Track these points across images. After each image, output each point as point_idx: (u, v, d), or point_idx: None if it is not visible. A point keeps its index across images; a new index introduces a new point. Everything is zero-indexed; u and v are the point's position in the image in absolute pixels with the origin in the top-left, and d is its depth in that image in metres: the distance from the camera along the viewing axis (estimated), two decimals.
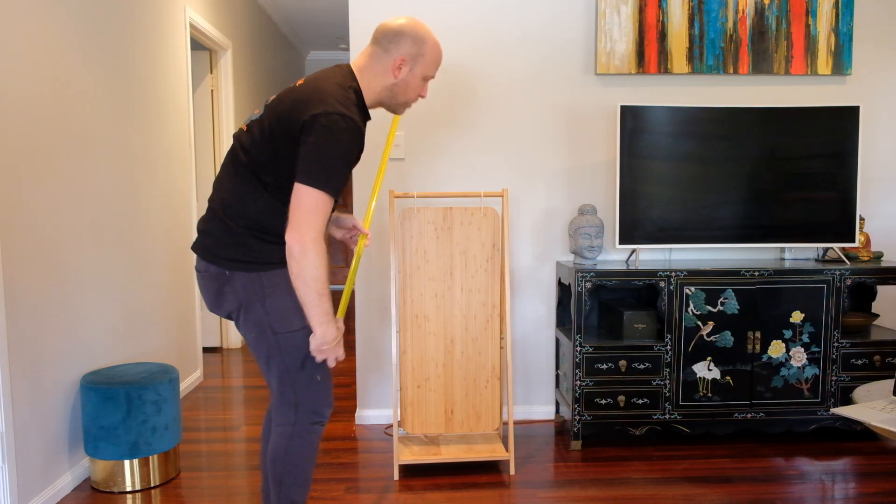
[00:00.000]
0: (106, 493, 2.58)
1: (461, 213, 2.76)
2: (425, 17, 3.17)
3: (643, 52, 3.15)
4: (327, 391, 1.92)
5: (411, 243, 2.74)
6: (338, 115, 1.70)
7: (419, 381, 2.77)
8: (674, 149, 3.04)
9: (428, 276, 2.75)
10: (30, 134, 2.37)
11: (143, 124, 3.29)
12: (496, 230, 2.77)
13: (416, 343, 2.76)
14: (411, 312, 2.75)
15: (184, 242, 3.85)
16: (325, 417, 1.93)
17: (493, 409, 2.81)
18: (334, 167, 1.70)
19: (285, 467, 1.90)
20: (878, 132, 3.32)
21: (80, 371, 2.69)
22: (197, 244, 1.85)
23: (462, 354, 2.78)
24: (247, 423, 3.36)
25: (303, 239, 1.69)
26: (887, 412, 1.82)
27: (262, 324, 1.82)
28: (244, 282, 1.80)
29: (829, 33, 3.19)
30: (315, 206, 1.70)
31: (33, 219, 2.39)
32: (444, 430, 2.78)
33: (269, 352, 1.84)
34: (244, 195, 1.81)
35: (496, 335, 2.79)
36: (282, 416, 1.89)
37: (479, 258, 2.77)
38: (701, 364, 2.94)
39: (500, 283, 2.79)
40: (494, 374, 2.79)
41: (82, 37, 2.73)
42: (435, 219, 2.75)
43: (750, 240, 3.10)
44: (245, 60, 5.21)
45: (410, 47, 1.86)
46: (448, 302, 2.77)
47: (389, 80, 1.87)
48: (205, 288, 1.86)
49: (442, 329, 2.77)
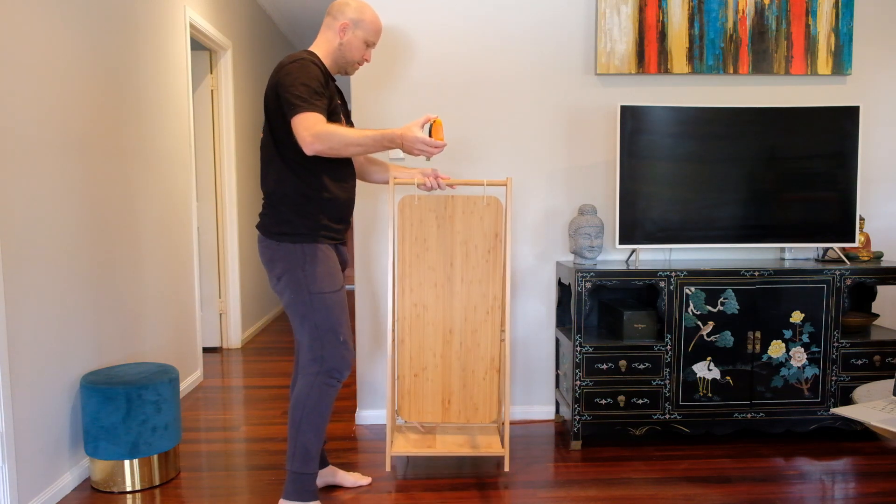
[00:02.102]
0: (106, 493, 2.58)
1: (463, 202, 2.71)
2: (425, 17, 3.17)
3: (643, 52, 3.15)
4: (348, 353, 2.30)
5: (411, 231, 2.70)
6: (293, 61, 2.17)
7: (416, 370, 2.75)
8: (674, 149, 3.04)
9: (428, 266, 2.72)
10: (29, 134, 2.37)
11: (143, 124, 3.29)
12: (499, 221, 2.72)
13: (414, 332, 2.74)
14: (410, 301, 2.72)
15: (184, 242, 3.85)
16: (343, 376, 2.30)
17: (492, 401, 2.79)
18: (301, 92, 2.10)
19: (304, 411, 2.26)
20: (878, 132, 3.33)
21: (80, 371, 2.69)
22: (258, 223, 2.31)
23: (461, 346, 2.75)
24: (247, 423, 3.36)
25: (306, 139, 2.08)
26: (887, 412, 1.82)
27: (301, 285, 2.23)
28: (289, 250, 2.24)
29: (829, 33, 3.19)
30: (305, 126, 2.08)
31: (33, 218, 2.39)
32: (440, 419, 2.76)
33: (304, 311, 2.24)
34: (267, 175, 2.28)
35: (496, 327, 2.76)
36: (308, 367, 2.28)
37: (481, 249, 2.72)
38: (701, 364, 2.94)
39: (502, 274, 2.75)
40: (493, 366, 2.76)
41: (82, 37, 2.73)
42: (436, 207, 2.70)
43: (750, 240, 3.10)
44: (245, 60, 5.21)
45: (353, 14, 2.29)
46: (448, 292, 2.73)
47: (337, 42, 2.30)
48: (263, 256, 2.30)
49: (441, 319, 2.74)
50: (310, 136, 2.07)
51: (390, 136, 2.17)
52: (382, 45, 3.16)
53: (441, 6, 3.17)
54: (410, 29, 3.18)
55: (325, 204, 2.27)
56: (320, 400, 2.26)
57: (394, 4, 3.16)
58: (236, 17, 4.99)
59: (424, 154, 2.20)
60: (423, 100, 3.20)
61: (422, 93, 3.20)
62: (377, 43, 2.35)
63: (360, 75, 3.18)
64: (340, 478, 2.59)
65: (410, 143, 2.17)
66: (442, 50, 3.19)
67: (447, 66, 3.20)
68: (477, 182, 2.64)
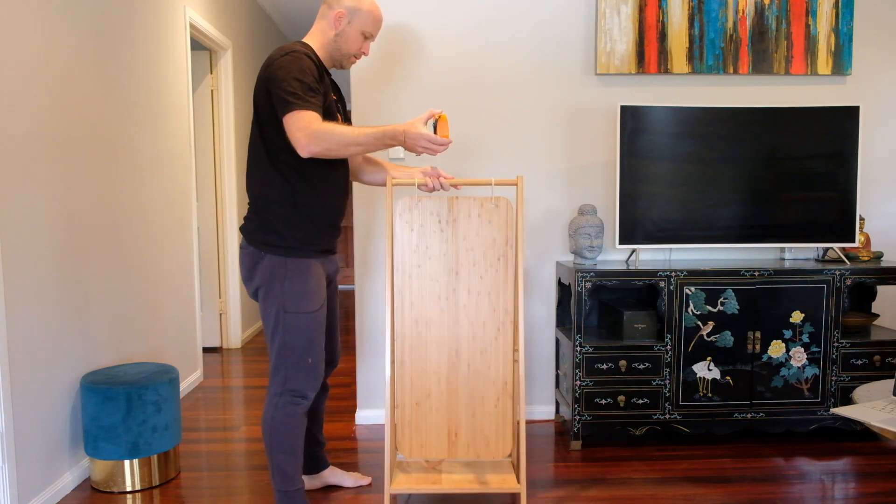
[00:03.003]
0: (106, 493, 2.58)
1: (469, 204, 2.40)
2: (426, 17, 3.17)
3: (643, 52, 3.15)
4: (316, 375, 2.16)
5: (411, 238, 2.40)
6: (285, 55, 2.03)
7: (419, 398, 2.42)
8: (674, 149, 3.04)
9: (430, 276, 2.41)
10: (29, 134, 2.37)
11: (142, 124, 3.29)
12: (509, 224, 2.40)
13: (415, 353, 2.41)
14: (410, 317, 2.40)
15: (184, 242, 3.85)
16: (308, 397, 2.16)
17: (505, 432, 2.42)
18: (294, 87, 1.96)
19: (272, 435, 2.15)
20: (878, 132, 3.33)
21: (80, 371, 2.69)
22: (242, 226, 2.17)
23: (469, 368, 2.41)
24: (247, 423, 3.36)
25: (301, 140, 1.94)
26: (887, 412, 1.82)
27: (276, 301, 2.09)
28: (272, 262, 2.10)
29: (829, 33, 3.19)
30: (299, 125, 1.94)
31: (33, 219, 2.39)
32: (446, 455, 2.42)
33: (275, 327, 2.11)
34: (253, 178, 2.14)
35: (508, 346, 2.41)
36: (271, 385, 2.16)
37: (490, 256, 2.41)
38: (701, 364, 2.94)
39: (514, 285, 2.42)
40: (506, 391, 2.41)
41: (82, 37, 2.73)
42: (439, 210, 2.40)
43: (750, 240, 3.10)
44: (245, 60, 5.21)
45: (350, 2, 2.15)
46: (453, 306, 2.41)
47: (332, 32, 2.16)
48: (242, 263, 2.16)
49: (445, 337, 2.41)
50: (304, 136, 1.93)
51: (392, 132, 2.04)
52: (383, 44, 3.16)
53: (441, 6, 3.17)
54: (410, 28, 3.18)
55: (317, 212, 2.13)
56: (286, 421, 2.14)
57: (394, 4, 3.15)
58: (236, 17, 4.99)
59: (428, 152, 2.08)
60: (422, 99, 3.20)
61: (421, 92, 3.20)
62: (376, 35, 2.22)
63: (360, 73, 3.17)
64: (340, 478, 2.58)
65: (414, 140, 2.05)
66: (442, 49, 3.19)
67: (447, 66, 3.19)
68: (484, 182, 2.37)
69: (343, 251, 7.54)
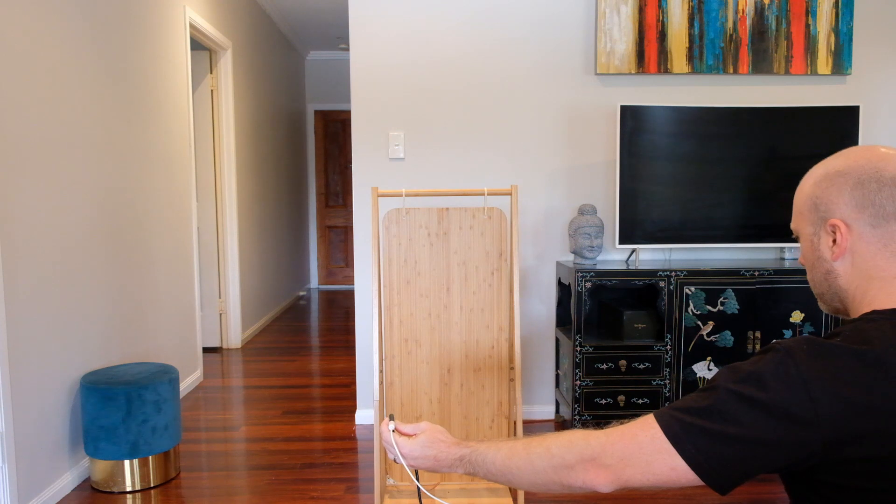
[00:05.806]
0: (106, 493, 2.58)
1: (460, 215, 2.28)
2: (425, 17, 3.17)
3: (643, 51, 3.15)
4: None
5: (399, 252, 2.26)
6: None
7: (409, 420, 2.25)
8: (674, 149, 3.04)
9: (420, 293, 2.27)
10: (29, 133, 2.37)
11: (142, 124, 3.29)
12: (503, 236, 2.28)
13: (405, 373, 2.27)
14: (400, 336, 2.27)
15: (184, 242, 3.85)
16: None
17: None
18: None
19: None
20: (878, 132, 3.32)
21: (80, 371, 2.69)
22: None
23: (462, 388, 2.29)
24: (247, 423, 3.36)
25: None
26: None
27: None
28: None
29: (829, 33, 3.19)
30: None
31: (33, 218, 2.39)
32: (438, 479, 2.26)
33: None
34: None
35: (504, 365, 2.28)
36: None
37: (483, 270, 2.28)
38: (701, 364, 2.94)
39: (510, 300, 2.28)
40: (501, 412, 2.28)
41: (82, 37, 2.73)
42: (428, 222, 2.27)
43: (750, 240, 3.10)
44: (245, 60, 5.21)
45: None
46: (444, 324, 2.27)
47: None
48: None
49: (437, 357, 2.27)
50: None
51: None
52: (383, 44, 3.16)
53: (441, 6, 3.17)
54: (411, 28, 3.18)
55: None
56: None
57: (394, 4, 3.15)
58: (236, 17, 4.99)
59: None
60: (422, 99, 3.20)
61: (421, 92, 3.20)
62: None
63: (360, 72, 3.17)
64: None
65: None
66: (442, 50, 3.19)
67: (447, 66, 3.19)
68: (476, 192, 2.27)
69: (343, 251, 7.55)
